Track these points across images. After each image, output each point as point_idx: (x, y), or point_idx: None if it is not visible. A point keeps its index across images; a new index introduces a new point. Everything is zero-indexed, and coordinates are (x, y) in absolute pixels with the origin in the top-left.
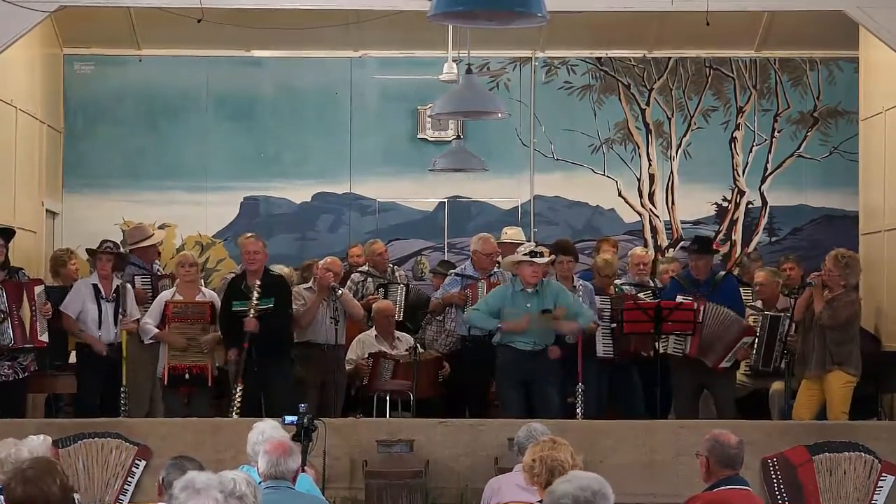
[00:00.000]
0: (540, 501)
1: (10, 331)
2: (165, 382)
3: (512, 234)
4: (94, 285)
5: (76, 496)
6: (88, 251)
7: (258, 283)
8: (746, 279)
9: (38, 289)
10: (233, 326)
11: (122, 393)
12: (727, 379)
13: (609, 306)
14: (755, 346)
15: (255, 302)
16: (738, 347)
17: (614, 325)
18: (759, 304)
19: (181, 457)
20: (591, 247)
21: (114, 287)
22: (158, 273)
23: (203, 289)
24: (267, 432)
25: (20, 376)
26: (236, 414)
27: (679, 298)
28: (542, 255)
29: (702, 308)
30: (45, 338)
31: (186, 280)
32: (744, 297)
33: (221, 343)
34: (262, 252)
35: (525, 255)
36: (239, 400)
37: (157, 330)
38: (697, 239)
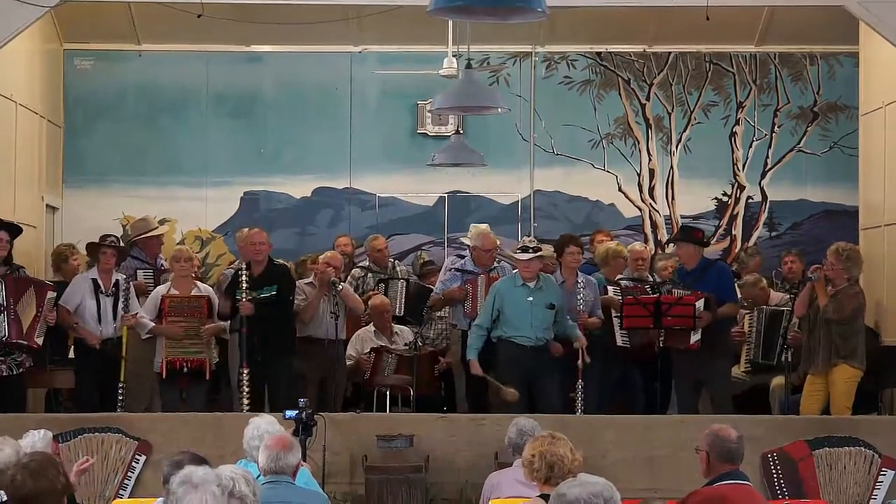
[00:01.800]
0: (540, 496)
1: (6, 325)
2: (163, 376)
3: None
4: (94, 280)
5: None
6: (89, 246)
7: (244, 273)
8: (745, 275)
9: (50, 294)
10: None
11: (120, 389)
12: (722, 374)
13: (621, 297)
14: (752, 339)
15: (248, 290)
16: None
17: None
18: (745, 303)
19: (184, 452)
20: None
21: (113, 281)
22: (161, 267)
23: (199, 283)
24: (262, 427)
25: (14, 372)
26: (246, 403)
27: (663, 290)
28: (534, 250)
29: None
30: (40, 340)
31: (181, 275)
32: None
33: (224, 333)
34: (267, 243)
35: (517, 249)
36: (248, 390)
37: (152, 324)
38: (681, 228)
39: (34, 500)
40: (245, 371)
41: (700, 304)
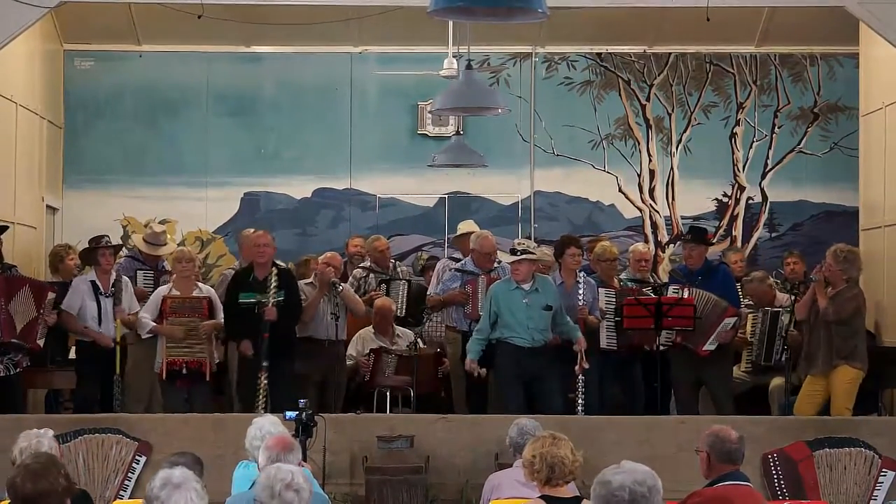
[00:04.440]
0: (540, 497)
1: None
2: (163, 377)
3: (463, 226)
4: (92, 282)
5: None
6: (84, 252)
7: (275, 272)
8: (731, 266)
9: (50, 296)
10: (241, 319)
11: (116, 384)
12: (722, 372)
13: (614, 299)
14: (755, 340)
15: (273, 291)
16: (720, 329)
17: (619, 318)
18: (750, 303)
19: (183, 453)
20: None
21: (111, 281)
22: (162, 269)
23: (200, 284)
24: (265, 428)
25: (11, 372)
26: (262, 408)
27: (671, 289)
28: (521, 252)
29: (683, 292)
30: (41, 342)
31: (183, 276)
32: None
33: (220, 331)
34: (272, 245)
35: (508, 252)
36: (264, 395)
37: (153, 324)
38: (692, 229)
39: (34, 501)
40: (264, 376)
41: (731, 321)
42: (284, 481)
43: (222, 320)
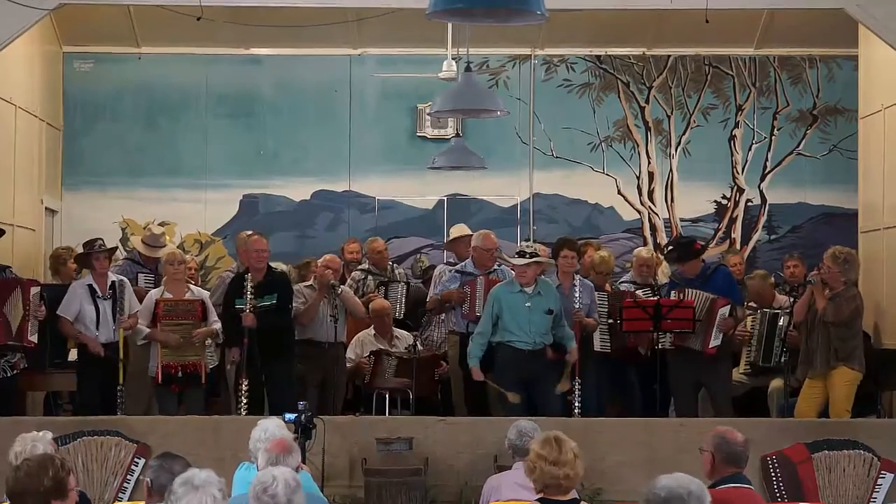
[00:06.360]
0: (539, 500)
1: None
2: (159, 381)
3: (455, 230)
4: (90, 286)
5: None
6: (79, 257)
7: (249, 282)
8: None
9: (34, 290)
10: (235, 323)
11: (119, 392)
12: (722, 374)
13: (607, 303)
14: (754, 342)
15: (251, 299)
16: (718, 321)
17: (611, 321)
18: (752, 303)
19: (166, 455)
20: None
21: (109, 284)
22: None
23: (192, 287)
24: (270, 430)
25: (8, 374)
26: (244, 410)
27: (671, 295)
28: (530, 255)
29: (679, 296)
30: (34, 338)
31: (175, 278)
32: None
33: (215, 337)
34: (268, 250)
35: (515, 254)
36: (246, 397)
37: (148, 330)
38: (679, 245)
39: (16, 497)
40: (244, 381)
41: (725, 310)
42: (264, 485)
43: (216, 323)
